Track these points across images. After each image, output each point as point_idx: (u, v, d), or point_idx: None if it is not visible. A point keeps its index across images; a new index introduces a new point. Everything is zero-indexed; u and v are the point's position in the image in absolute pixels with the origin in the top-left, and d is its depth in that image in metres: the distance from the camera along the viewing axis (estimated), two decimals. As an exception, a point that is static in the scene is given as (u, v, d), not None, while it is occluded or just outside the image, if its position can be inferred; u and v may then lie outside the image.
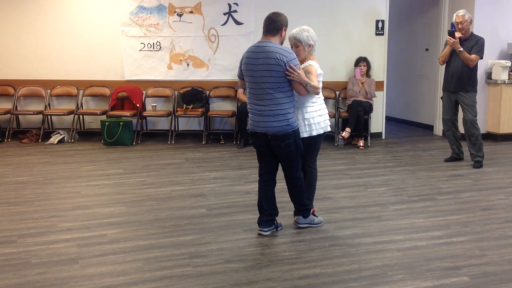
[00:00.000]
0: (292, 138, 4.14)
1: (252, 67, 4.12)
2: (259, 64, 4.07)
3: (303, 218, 4.47)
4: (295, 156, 4.22)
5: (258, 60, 4.09)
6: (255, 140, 4.31)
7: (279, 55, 4.02)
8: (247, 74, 4.17)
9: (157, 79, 8.35)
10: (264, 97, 4.08)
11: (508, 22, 8.35)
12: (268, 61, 4.03)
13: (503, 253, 3.95)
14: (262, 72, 4.05)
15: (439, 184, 5.84)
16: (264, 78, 4.05)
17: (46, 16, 8.27)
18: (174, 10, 8.18)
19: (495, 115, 8.24)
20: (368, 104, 7.96)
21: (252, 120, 4.22)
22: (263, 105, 4.10)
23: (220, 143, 8.10)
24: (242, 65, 4.25)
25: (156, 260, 3.83)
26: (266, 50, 4.06)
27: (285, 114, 4.10)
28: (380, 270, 3.66)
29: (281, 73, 4.04)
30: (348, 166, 6.68)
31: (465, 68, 6.43)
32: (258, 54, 4.10)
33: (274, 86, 4.06)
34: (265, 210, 4.32)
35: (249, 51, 4.21)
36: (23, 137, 8.13)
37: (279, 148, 4.17)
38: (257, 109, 4.14)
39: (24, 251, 4.00)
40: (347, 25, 8.35)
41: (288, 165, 4.27)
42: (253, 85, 4.14)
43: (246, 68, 4.17)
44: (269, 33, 4.16)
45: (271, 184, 4.36)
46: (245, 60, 4.20)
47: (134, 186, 5.75)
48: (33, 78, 8.40)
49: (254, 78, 4.11)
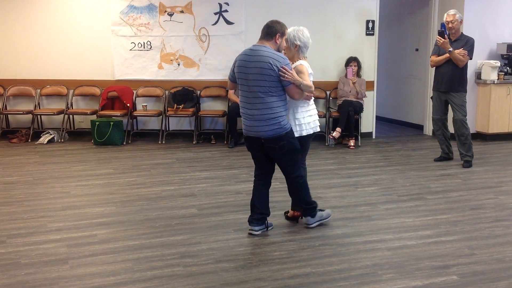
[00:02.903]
0: (285, 140, 4.14)
1: (244, 69, 4.11)
2: (252, 67, 4.07)
3: (311, 218, 4.45)
4: (290, 156, 4.22)
5: (251, 63, 4.08)
6: (249, 144, 4.31)
7: (272, 60, 4.02)
8: (240, 77, 4.17)
9: (148, 78, 8.33)
10: (256, 101, 4.09)
11: (497, 23, 8.40)
12: (261, 64, 4.03)
13: (492, 252, 3.98)
14: (255, 76, 4.05)
15: (429, 183, 5.87)
16: (256, 81, 4.05)
17: (36, 15, 8.23)
18: (164, 9, 8.17)
19: (484, 115, 8.29)
20: (358, 104, 7.98)
21: (245, 125, 4.22)
22: (254, 109, 4.11)
23: (211, 143, 8.10)
24: (235, 68, 4.23)
25: (146, 260, 3.82)
26: (259, 54, 4.06)
27: (276, 118, 4.09)
28: (370, 269, 3.68)
29: (273, 78, 4.03)
30: (338, 165, 6.70)
31: (455, 68, 6.46)
32: (251, 57, 4.10)
33: (265, 90, 4.06)
34: (256, 209, 4.33)
35: (242, 54, 4.20)
36: (12, 137, 8.08)
37: (273, 151, 4.18)
38: (249, 113, 4.15)
39: (13, 251, 3.97)
40: (337, 25, 8.37)
41: (285, 165, 4.27)
42: (245, 88, 4.14)
43: (239, 71, 4.17)
44: (264, 38, 4.17)
45: (266, 185, 4.38)
46: (238, 63, 4.18)
47: (125, 186, 5.74)
48: (22, 77, 8.35)
49: (247, 81, 4.10)
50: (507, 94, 8.21)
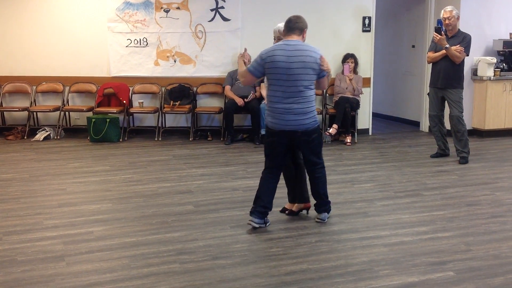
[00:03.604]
0: (317, 132, 4.34)
1: (286, 65, 4.11)
2: (295, 62, 4.10)
3: (327, 214, 4.54)
4: (319, 147, 4.43)
5: (293, 58, 4.11)
6: (277, 138, 4.27)
7: (313, 53, 4.16)
8: (278, 72, 4.13)
9: (144, 75, 8.31)
10: (297, 95, 4.15)
11: (493, 19, 8.41)
12: (304, 59, 4.11)
13: (488, 248, 3.99)
14: (298, 70, 4.10)
15: (425, 180, 5.88)
16: (299, 76, 4.11)
17: (31, 11, 8.19)
18: (160, 6, 8.14)
19: (480, 111, 8.30)
20: (355, 100, 7.98)
21: (280, 119, 4.20)
22: (295, 103, 4.15)
23: (208, 139, 8.09)
24: (268, 63, 4.16)
25: (143, 257, 3.82)
26: (300, 49, 4.14)
27: (313, 111, 4.28)
28: (367, 265, 3.68)
29: (316, 71, 4.17)
30: (335, 162, 6.70)
31: (452, 64, 6.46)
32: (292, 52, 4.13)
33: (307, 84, 4.17)
34: (261, 201, 4.33)
35: (279, 50, 4.17)
36: (8, 134, 8.06)
37: (306, 143, 4.29)
38: (287, 108, 4.17)
39: (9, 248, 3.97)
40: (334, 21, 8.36)
41: (313, 157, 4.38)
42: (283, 82, 4.14)
43: (277, 66, 4.13)
44: (293, 33, 4.21)
45: (275, 178, 4.41)
46: (276, 58, 4.14)
47: (121, 183, 5.73)
48: (18, 74, 8.31)
49: (287, 76, 4.12)
50: (503, 90, 8.22)
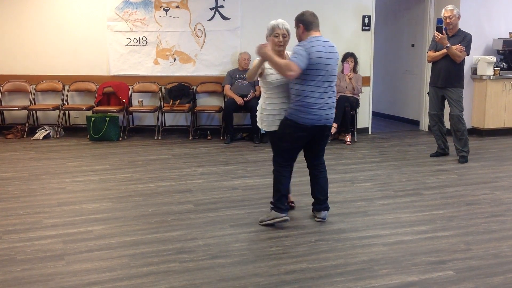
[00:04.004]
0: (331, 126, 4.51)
1: (324, 60, 4.20)
2: (330, 58, 4.24)
3: (327, 212, 4.58)
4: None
5: (328, 54, 4.23)
6: (305, 133, 4.27)
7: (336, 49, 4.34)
8: (319, 68, 4.18)
9: (144, 74, 8.31)
10: (332, 89, 4.31)
11: (493, 18, 8.41)
12: (335, 55, 4.31)
13: (488, 247, 3.99)
14: (333, 66, 4.27)
15: (425, 179, 5.88)
16: (333, 71, 4.29)
17: (31, 10, 8.19)
18: (160, 5, 8.14)
19: (480, 110, 8.30)
20: (354, 99, 7.98)
21: (317, 115, 4.20)
22: (330, 98, 4.29)
23: (207, 138, 8.08)
24: (313, 58, 4.13)
25: (142, 256, 3.82)
26: (331, 45, 4.32)
27: None
28: (366, 264, 3.68)
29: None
30: (334, 161, 6.70)
31: (452, 64, 6.46)
32: (327, 49, 4.24)
33: (336, 79, 4.35)
34: (286, 198, 4.45)
35: (319, 46, 4.20)
36: (8, 133, 8.05)
37: (325, 138, 4.44)
38: (326, 102, 4.25)
39: (9, 247, 3.96)
40: (333, 20, 8.35)
41: (323, 151, 4.52)
42: (322, 78, 4.20)
43: (319, 62, 4.17)
44: (318, 29, 4.35)
45: (291, 173, 4.49)
46: (319, 54, 4.18)
47: (120, 182, 5.73)
48: (18, 73, 8.31)
49: (326, 72, 4.21)
50: (503, 89, 8.22)
